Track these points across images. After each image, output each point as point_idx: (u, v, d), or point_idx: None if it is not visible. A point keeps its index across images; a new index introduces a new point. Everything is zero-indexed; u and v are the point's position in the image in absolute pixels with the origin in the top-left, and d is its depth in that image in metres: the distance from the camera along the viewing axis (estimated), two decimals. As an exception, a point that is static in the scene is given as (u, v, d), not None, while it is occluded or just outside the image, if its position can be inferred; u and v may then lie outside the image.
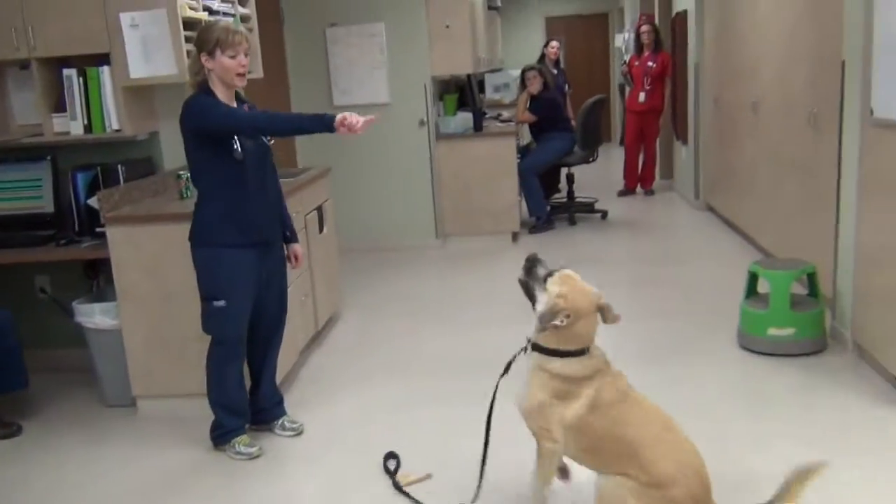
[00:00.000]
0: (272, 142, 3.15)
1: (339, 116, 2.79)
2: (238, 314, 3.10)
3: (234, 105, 3.02)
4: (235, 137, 2.96)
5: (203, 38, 2.93)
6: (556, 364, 2.36)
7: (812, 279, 3.94)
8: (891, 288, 3.29)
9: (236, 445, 3.18)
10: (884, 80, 3.28)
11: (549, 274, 2.38)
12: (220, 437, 3.22)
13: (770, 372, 3.67)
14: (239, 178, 3.00)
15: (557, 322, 2.30)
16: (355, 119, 2.78)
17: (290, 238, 3.36)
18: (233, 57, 2.91)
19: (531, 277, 2.42)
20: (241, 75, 2.95)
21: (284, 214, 3.32)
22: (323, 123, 2.83)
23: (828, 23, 4.10)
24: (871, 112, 3.39)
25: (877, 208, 3.43)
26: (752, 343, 3.88)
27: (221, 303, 3.04)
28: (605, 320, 2.38)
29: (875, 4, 3.33)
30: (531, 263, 2.43)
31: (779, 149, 5.08)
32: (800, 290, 4.03)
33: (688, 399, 3.37)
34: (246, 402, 3.28)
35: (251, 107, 3.14)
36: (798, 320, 3.77)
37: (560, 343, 2.35)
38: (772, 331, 3.79)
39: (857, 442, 2.98)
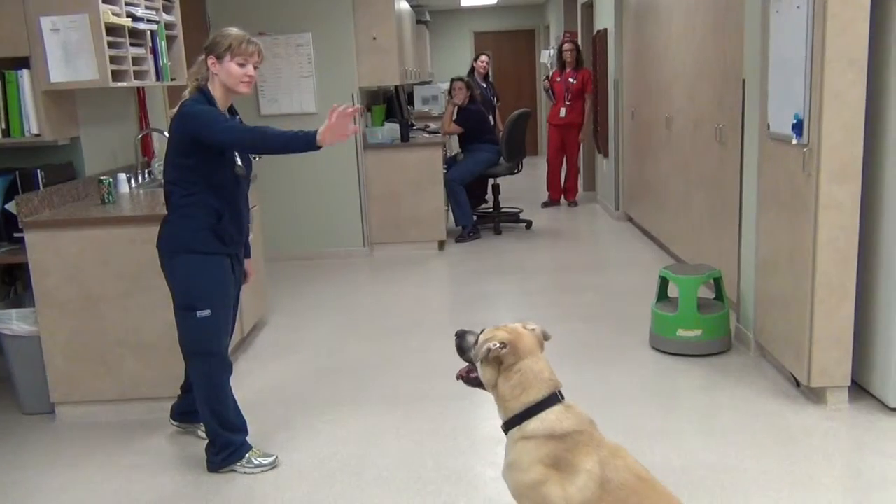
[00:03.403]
0: (258, 159, 3.09)
1: (320, 131, 2.70)
2: (225, 323, 2.99)
3: (227, 115, 2.94)
4: (235, 152, 2.90)
5: (214, 42, 2.87)
6: (533, 424, 2.01)
7: (718, 284, 4.17)
8: (785, 292, 3.53)
9: (252, 459, 3.06)
10: (776, 97, 3.54)
11: (480, 333, 2.14)
12: (231, 455, 3.04)
13: (679, 371, 3.87)
14: (228, 190, 2.93)
15: (492, 346, 2.01)
16: (341, 132, 2.69)
17: (245, 253, 3.25)
18: (242, 65, 2.86)
19: (465, 350, 2.14)
20: (245, 83, 2.90)
21: (247, 228, 3.20)
22: (306, 142, 2.73)
23: (731, 43, 4.37)
24: (768, 127, 3.64)
25: (771, 218, 3.67)
26: (662, 344, 4.09)
27: (206, 312, 2.89)
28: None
29: (770, 27, 3.58)
30: (459, 338, 2.17)
31: (689, 162, 5.35)
32: (708, 293, 4.26)
33: (601, 396, 3.55)
34: (241, 413, 3.11)
35: (240, 119, 3.07)
36: (705, 322, 4.00)
37: (517, 393, 2.03)
38: (680, 332, 4.01)
39: (758, 435, 3.18)
